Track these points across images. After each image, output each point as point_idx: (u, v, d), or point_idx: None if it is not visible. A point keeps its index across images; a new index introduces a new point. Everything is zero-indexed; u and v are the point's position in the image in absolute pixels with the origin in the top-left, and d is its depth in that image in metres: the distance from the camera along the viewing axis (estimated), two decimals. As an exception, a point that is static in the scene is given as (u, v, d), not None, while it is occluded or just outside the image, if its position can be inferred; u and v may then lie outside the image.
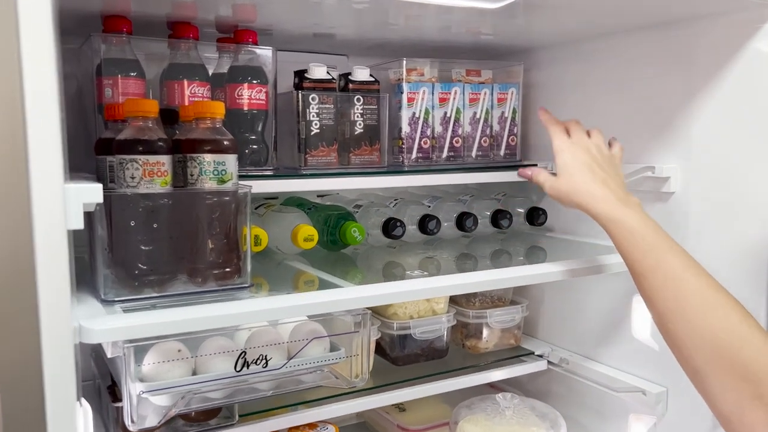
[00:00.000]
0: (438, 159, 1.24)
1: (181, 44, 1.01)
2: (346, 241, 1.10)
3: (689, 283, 0.78)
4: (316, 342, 0.86)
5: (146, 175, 0.77)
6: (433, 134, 1.23)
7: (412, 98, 1.19)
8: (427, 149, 1.22)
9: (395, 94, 1.20)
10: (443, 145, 1.24)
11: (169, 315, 0.72)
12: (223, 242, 0.83)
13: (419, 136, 1.20)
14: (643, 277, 0.82)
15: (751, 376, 0.70)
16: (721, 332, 0.73)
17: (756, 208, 0.98)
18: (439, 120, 1.23)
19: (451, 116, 1.24)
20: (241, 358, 0.79)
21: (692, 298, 0.77)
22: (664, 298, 0.79)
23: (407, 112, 1.19)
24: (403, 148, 1.20)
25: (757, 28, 0.96)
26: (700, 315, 0.75)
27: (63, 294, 0.55)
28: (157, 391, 0.74)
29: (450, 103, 1.24)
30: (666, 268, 0.80)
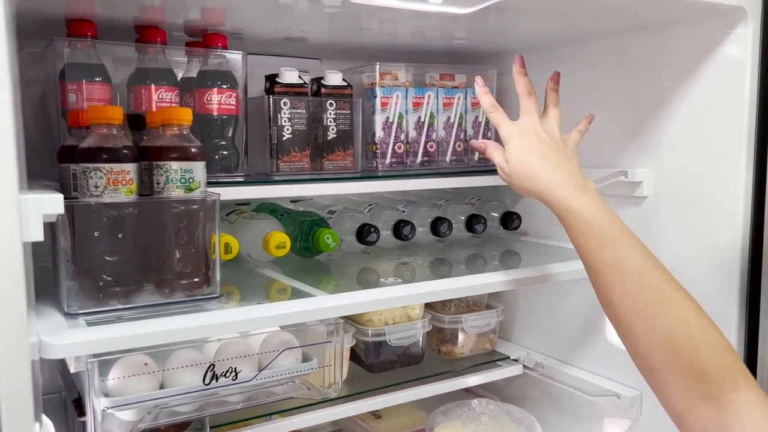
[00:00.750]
0: (412, 164, 1.23)
1: (149, 48, 0.99)
2: (319, 248, 1.09)
3: (648, 279, 0.75)
4: (288, 353, 0.84)
5: (110, 183, 0.75)
6: (407, 139, 1.22)
7: (386, 103, 1.18)
8: (401, 154, 1.21)
9: (368, 98, 1.19)
10: (417, 149, 1.23)
11: (134, 328, 0.70)
12: (191, 252, 0.81)
13: (393, 140, 1.19)
14: (599, 272, 0.78)
15: (706, 377, 0.69)
16: (678, 332, 0.72)
17: (726, 214, 0.99)
18: (413, 125, 1.22)
19: (425, 121, 1.23)
20: (210, 371, 0.77)
21: (651, 295, 0.74)
22: (622, 294, 0.75)
23: (381, 116, 1.18)
24: (377, 153, 1.19)
25: (726, 34, 0.97)
26: (657, 313, 0.73)
27: (19, 309, 0.53)
28: (123, 407, 0.72)
29: (424, 107, 1.23)
30: (625, 262, 0.76)
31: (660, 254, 0.82)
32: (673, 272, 0.77)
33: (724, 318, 0.99)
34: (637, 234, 0.90)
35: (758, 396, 0.68)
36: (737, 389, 0.68)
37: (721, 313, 0.99)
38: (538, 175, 0.85)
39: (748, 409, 0.67)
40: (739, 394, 0.68)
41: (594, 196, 0.81)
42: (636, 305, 0.74)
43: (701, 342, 0.71)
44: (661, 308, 0.73)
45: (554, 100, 0.96)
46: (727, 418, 0.67)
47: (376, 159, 1.18)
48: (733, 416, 0.67)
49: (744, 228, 0.97)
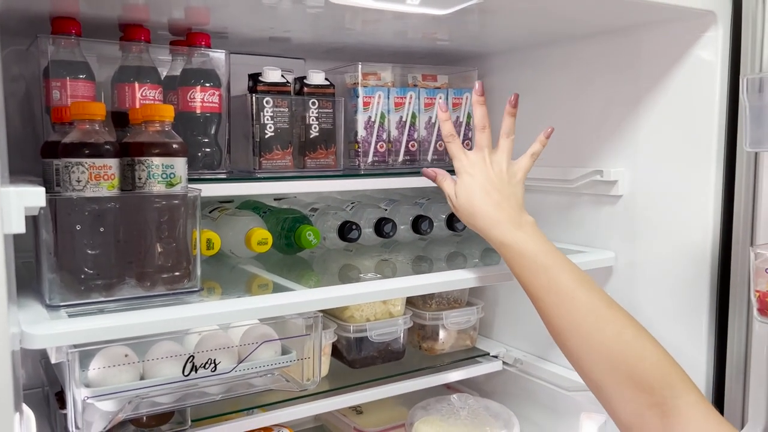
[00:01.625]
0: (394, 162, 1.25)
1: (133, 47, 1.00)
2: (301, 244, 1.11)
3: (581, 300, 0.79)
4: (267, 345, 0.86)
5: (92, 178, 0.76)
6: (389, 138, 1.24)
7: (368, 102, 1.20)
8: (383, 153, 1.23)
9: (351, 98, 1.21)
10: (399, 149, 1.25)
11: (115, 319, 0.71)
12: (172, 246, 0.83)
13: (375, 140, 1.21)
14: (537, 297, 0.84)
15: (647, 387, 0.73)
16: (615, 346, 0.75)
17: (697, 213, 1.01)
18: (395, 124, 1.24)
19: (407, 120, 1.25)
20: (189, 362, 0.78)
21: (585, 314, 0.78)
22: (558, 316, 0.80)
23: (363, 116, 1.20)
24: (359, 151, 1.20)
25: (697, 37, 1.00)
26: (593, 331, 0.77)
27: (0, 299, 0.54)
28: (103, 397, 0.74)
29: (406, 107, 1.25)
30: (558, 286, 0.81)
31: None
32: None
33: (695, 314, 1.02)
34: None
35: (698, 399, 0.72)
36: (678, 395, 0.72)
37: (692, 309, 1.02)
38: (479, 214, 0.91)
39: (690, 412, 0.71)
40: (680, 400, 0.71)
41: (529, 229, 0.88)
42: (572, 325, 0.79)
43: (638, 354, 0.75)
44: (596, 326, 0.77)
45: (509, 128, 0.98)
46: (671, 423, 0.71)
47: (358, 158, 1.20)
48: (677, 420, 0.70)
49: (714, 226, 1.00)
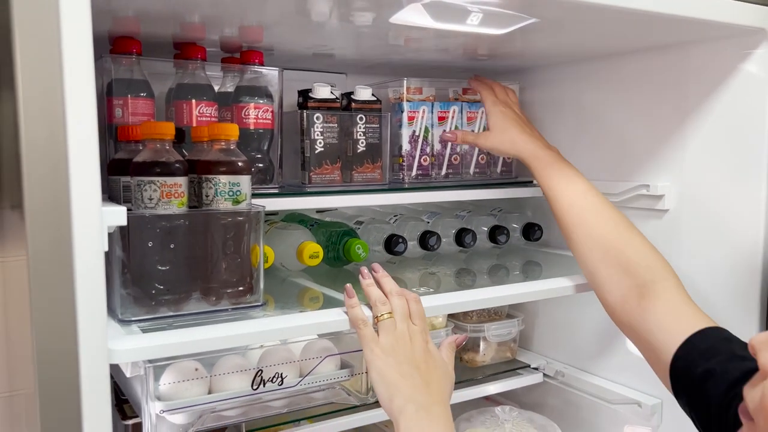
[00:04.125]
0: (437, 176, 1.26)
1: (189, 65, 1.02)
2: (350, 257, 1.12)
3: (589, 201, 1.01)
4: (328, 359, 0.87)
5: (164, 196, 0.78)
6: (432, 152, 1.25)
7: (413, 117, 1.22)
8: (426, 166, 1.24)
9: (395, 112, 1.22)
10: (442, 162, 1.26)
11: (188, 335, 0.73)
12: (237, 261, 0.85)
13: (419, 153, 1.23)
14: (555, 199, 1.04)
15: (632, 270, 0.91)
16: (609, 235, 0.96)
17: (747, 227, 1.02)
18: (438, 138, 1.25)
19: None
20: (258, 376, 0.80)
21: (590, 211, 1.00)
22: (570, 213, 1.01)
23: (407, 130, 1.21)
24: (404, 165, 1.22)
25: (747, 53, 1.01)
26: (594, 224, 0.98)
27: (100, 318, 0.56)
28: (177, 410, 0.75)
29: (449, 121, 1.26)
30: (572, 189, 1.03)
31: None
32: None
33: (744, 329, 1.02)
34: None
35: (675, 284, 0.88)
36: (657, 280, 0.88)
37: (741, 324, 1.02)
38: (517, 139, 1.19)
39: (665, 294, 0.85)
40: (659, 285, 0.87)
41: (555, 150, 1.16)
42: (580, 220, 1.00)
43: (628, 243, 0.94)
44: (597, 221, 0.98)
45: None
46: (645, 303, 0.86)
47: (402, 171, 1.22)
48: (651, 302, 0.85)
49: (765, 241, 1.00)
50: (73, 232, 0.55)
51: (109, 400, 0.57)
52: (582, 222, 0.99)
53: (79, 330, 0.55)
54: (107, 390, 0.57)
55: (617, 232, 0.97)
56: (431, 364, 0.83)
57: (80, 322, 0.55)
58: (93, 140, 0.56)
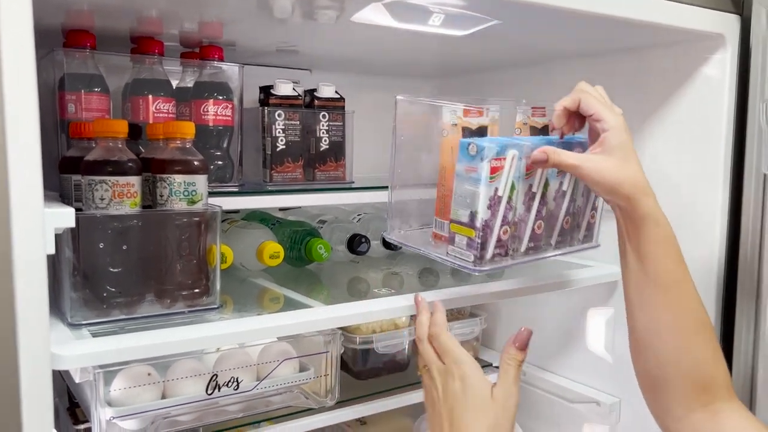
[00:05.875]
0: (515, 252, 0.88)
1: (146, 59, 1.00)
2: (311, 257, 1.11)
3: (696, 301, 0.77)
4: (286, 363, 0.86)
5: (116, 196, 0.76)
6: (515, 217, 0.84)
7: (497, 168, 0.78)
8: (505, 241, 0.83)
9: (464, 155, 0.77)
10: (523, 232, 0.86)
11: (140, 339, 0.71)
12: (192, 263, 0.83)
13: (499, 223, 0.81)
14: (664, 288, 0.76)
15: (707, 387, 0.74)
16: (702, 352, 0.75)
17: (704, 230, 1.03)
18: (524, 197, 0.85)
19: (538, 189, 0.87)
20: (213, 380, 0.78)
21: (693, 315, 0.76)
22: (677, 312, 0.76)
23: (487, 188, 0.77)
24: (475, 242, 0.80)
25: (706, 58, 1.02)
26: (693, 332, 0.76)
27: (42, 322, 0.54)
28: (128, 416, 0.73)
29: (538, 174, 0.85)
30: (688, 283, 0.77)
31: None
32: None
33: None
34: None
35: (741, 405, 0.75)
36: (728, 399, 0.74)
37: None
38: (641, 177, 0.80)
39: (736, 413, 0.74)
40: (731, 404, 0.74)
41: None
42: (680, 324, 0.76)
43: (709, 358, 0.75)
44: (697, 328, 0.77)
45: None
46: (720, 421, 0.73)
47: (472, 249, 0.79)
48: (726, 420, 0.73)
49: (721, 243, 1.02)
50: (12, 234, 0.53)
51: (51, 408, 0.55)
52: (683, 324, 0.76)
53: (19, 335, 0.53)
54: (49, 398, 0.55)
55: (711, 347, 0.77)
56: (458, 403, 0.76)
57: (20, 326, 0.53)
58: (34, 138, 0.54)
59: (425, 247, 0.85)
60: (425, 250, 0.84)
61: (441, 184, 0.82)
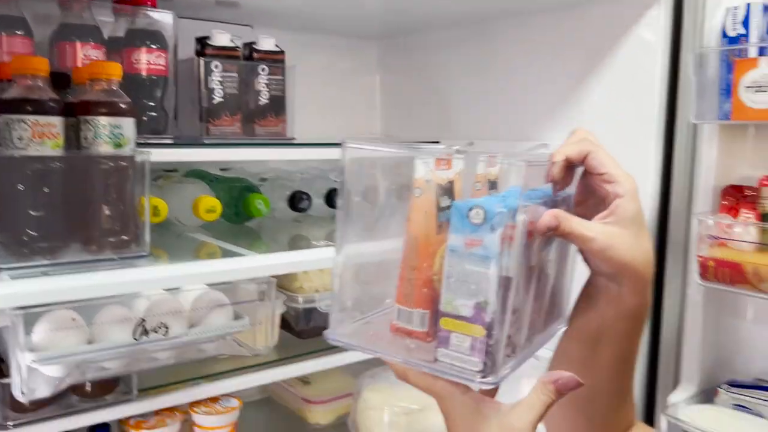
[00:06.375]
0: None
1: (74, 4, 0.96)
2: (250, 213, 1.09)
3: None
4: (219, 310, 0.85)
5: (36, 136, 0.73)
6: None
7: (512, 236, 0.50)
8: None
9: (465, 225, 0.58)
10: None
11: (61, 281, 0.69)
12: (120, 209, 0.81)
13: (510, 309, 0.57)
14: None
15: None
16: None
17: (638, 184, 1.05)
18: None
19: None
20: (140, 326, 0.77)
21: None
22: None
23: (495, 267, 0.42)
24: (488, 343, 0.43)
25: (641, 14, 1.03)
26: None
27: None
28: (49, 361, 0.71)
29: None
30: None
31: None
32: None
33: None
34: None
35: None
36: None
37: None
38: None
39: None
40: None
41: None
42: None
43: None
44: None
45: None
46: None
47: (478, 353, 0.55)
48: None
49: (653, 196, 1.04)
50: None
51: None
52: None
53: None
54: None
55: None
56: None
57: None
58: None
59: (396, 351, 0.58)
60: (399, 357, 0.58)
61: (410, 259, 0.60)
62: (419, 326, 0.58)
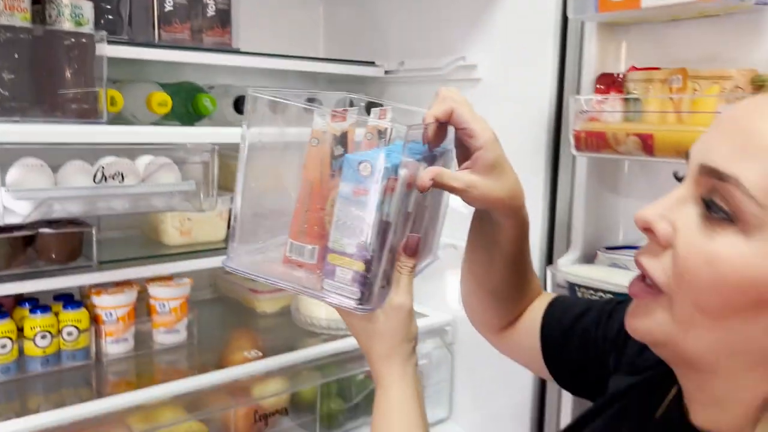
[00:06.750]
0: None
1: None
2: (198, 111, 1.23)
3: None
4: (169, 171, 0.99)
5: (6, 8, 0.85)
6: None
7: (392, 188, 0.67)
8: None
9: (351, 173, 0.64)
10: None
11: (32, 126, 0.82)
12: (81, 80, 0.94)
13: (387, 249, 0.71)
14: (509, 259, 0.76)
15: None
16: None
17: (536, 97, 1.21)
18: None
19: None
20: (100, 171, 0.90)
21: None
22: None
23: (376, 213, 0.64)
24: (367, 277, 0.67)
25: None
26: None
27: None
28: (22, 193, 0.84)
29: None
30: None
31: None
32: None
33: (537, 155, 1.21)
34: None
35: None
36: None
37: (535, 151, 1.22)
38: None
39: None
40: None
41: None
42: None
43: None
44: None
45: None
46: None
47: (359, 284, 0.63)
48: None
49: (551, 91, 1.20)
50: None
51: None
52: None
53: None
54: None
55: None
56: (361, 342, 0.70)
57: None
58: None
59: (288, 279, 0.66)
60: (291, 284, 0.66)
61: (305, 201, 0.67)
62: (309, 259, 0.66)
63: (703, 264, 0.49)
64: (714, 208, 0.49)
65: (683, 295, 0.51)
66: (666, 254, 0.52)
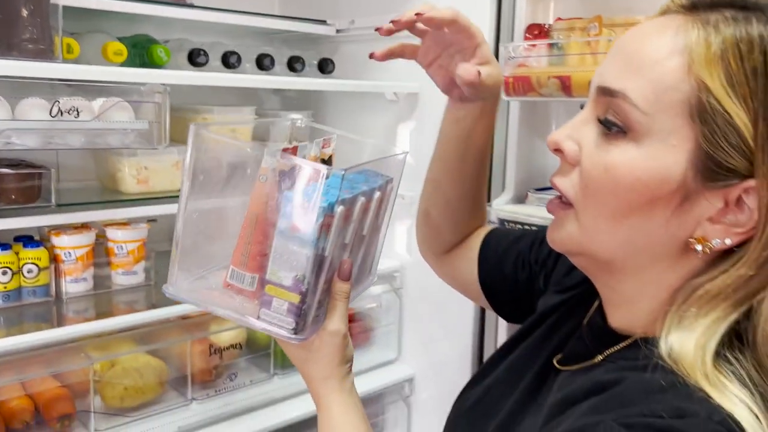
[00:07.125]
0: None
1: None
2: (153, 61, 1.28)
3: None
4: (123, 110, 1.04)
5: (-37, -52, 0.90)
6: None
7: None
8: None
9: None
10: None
11: (-11, 59, 0.87)
12: (37, 21, 0.99)
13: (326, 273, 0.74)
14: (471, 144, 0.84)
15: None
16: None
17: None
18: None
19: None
20: (56, 105, 0.96)
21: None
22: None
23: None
24: (302, 307, 0.70)
25: None
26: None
27: None
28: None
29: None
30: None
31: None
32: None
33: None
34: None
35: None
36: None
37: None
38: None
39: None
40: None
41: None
42: None
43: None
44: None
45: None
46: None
47: (293, 315, 0.66)
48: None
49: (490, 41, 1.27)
50: None
51: None
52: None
53: None
54: None
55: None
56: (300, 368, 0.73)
57: None
58: None
59: (226, 306, 0.69)
60: (229, 313, 0.68)
61: (248, 232, 0.69)
62: (249, 287, 0.68)
63: (602, 173, 0.57)
64: (608, 124, 0.57)
65: (588, 203, 0.58)
66: (574, 171, 0.59)
